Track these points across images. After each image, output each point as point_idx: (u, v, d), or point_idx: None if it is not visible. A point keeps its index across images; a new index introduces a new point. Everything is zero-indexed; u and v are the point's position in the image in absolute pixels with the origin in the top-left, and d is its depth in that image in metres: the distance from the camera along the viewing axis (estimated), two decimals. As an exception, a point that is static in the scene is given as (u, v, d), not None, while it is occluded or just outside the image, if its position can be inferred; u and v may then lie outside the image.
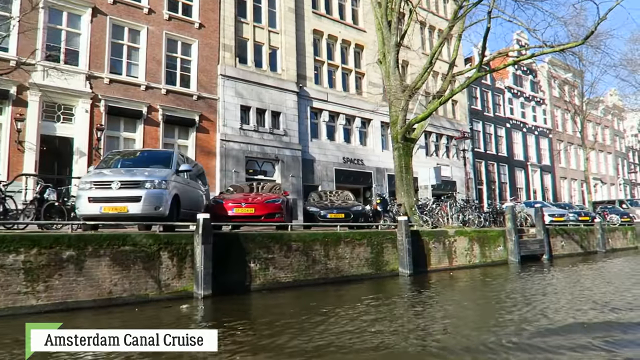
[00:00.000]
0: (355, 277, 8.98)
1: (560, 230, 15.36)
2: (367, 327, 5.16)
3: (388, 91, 12.80)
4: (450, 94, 12.70)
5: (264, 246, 7.79)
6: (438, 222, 12.33)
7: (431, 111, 12.91)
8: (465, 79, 26.95)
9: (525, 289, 8.39)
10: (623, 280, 9.59)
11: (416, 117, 12.82)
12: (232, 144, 17.08)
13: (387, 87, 12.92)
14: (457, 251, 11.22)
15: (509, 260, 12.48)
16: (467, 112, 27.83)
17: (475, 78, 12.91)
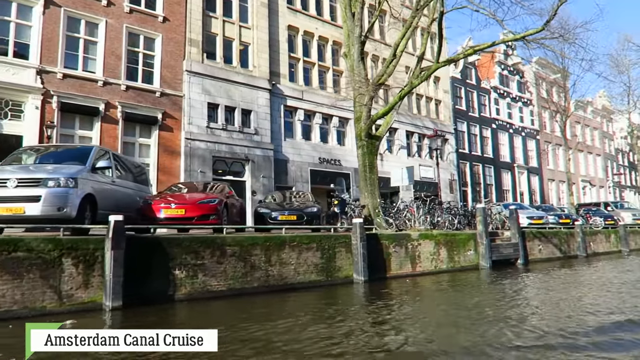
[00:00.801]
0: (302, 285, 8.24)
1: (537, 233, 14.68)
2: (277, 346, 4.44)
3: (352, 86, 12.10)
4: (409, 87, 12.03)
5: (192, 251, 7.04)
6: (405, 225, 11.62)
7: (392, 106, 12.19)
8: (449, 77, 26.25)
9: (488, 299, 7.69)
10: (596, 288, 8.91)
11: (377, 112, 12.10)
12: (198, 143, 16.33)
13: (352, 82, 12.22)
14: (422, 256, 10.50)
15: (480, 265, 11.78)
16: (451, 112, 27.22)
17: (434, 69, 12.16)
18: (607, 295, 7.85)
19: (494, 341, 4.66)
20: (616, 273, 11.73)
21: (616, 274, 11.38)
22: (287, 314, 6.41)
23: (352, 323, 5.69)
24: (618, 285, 9.03)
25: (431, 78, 26.47)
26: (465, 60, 29.01)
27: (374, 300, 7.51)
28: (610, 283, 9.57)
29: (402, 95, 11.74)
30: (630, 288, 8.59)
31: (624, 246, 19.19)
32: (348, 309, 6.74)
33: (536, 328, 5.24)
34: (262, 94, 18.39)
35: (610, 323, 5.47)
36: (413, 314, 6.45)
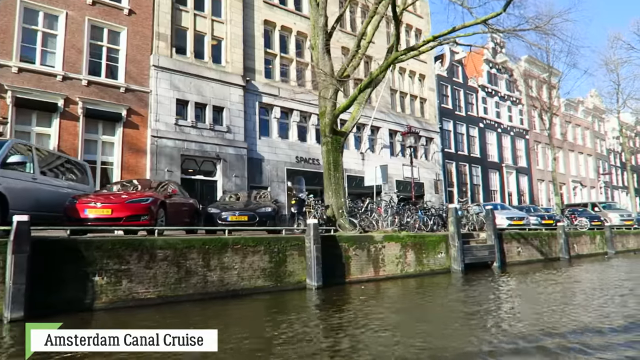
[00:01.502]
0: (247, 291, 7.60)
1: (516, 234, 14.08)
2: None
3: (317, 79, 11.47)
4: (369, 78, 11.41)
5: (116, 255, 6.39)
6: (372, 226, 10.99)
7: (352, 99, 11.52)
8: (435, 75, 25.54)
9: (446, 307, 7.07)
10: (572, 294, 8.30)
11: (338, 106, 11.46)
12: (166, 141, 15.67)
13: (317, 75, 11.59)
14: (386, 259, 9.87)
15: (452, 268, 11.17)
16: (437, 111, 26.65)
17: (393, 59, 11.46)
18: (575, 305, 7.23)
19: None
20: (592, 276, 11.14)
21: (591, 278, 10.79)
22: (221, 322, 5.77)
23: (279, 332, 5.05)
24: (588, 293, 8.43)
25: (415, 76, 25.97)
26: (452, 57, 28.51)
27: (320, 307, 6.89)
28: (581, 290, 8.97)
29: (361, 88, 11.10)
30: (600, 295, 7.99)
31: (610, 248, 18.64)
32: (287, 317, 6.10)
33: (490, 342, 4.62)
34: (236, 91, 17.75)
35: (571, 344, 4.85)
36: (349, 323, 5.81)
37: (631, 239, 20.83)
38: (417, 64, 25.92)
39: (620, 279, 10.45)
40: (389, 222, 11.09)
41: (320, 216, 10.36)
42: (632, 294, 7.86)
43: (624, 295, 7.84)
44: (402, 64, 25.09)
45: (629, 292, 8.12)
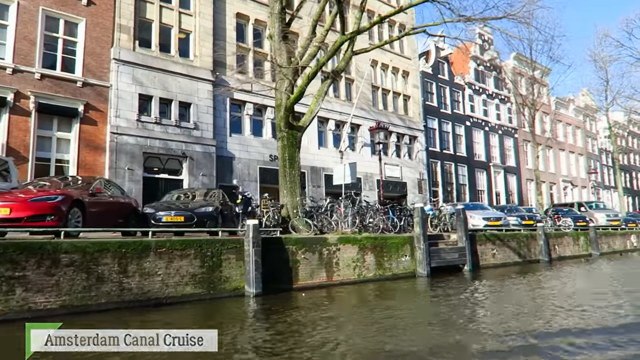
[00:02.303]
0: (173, 300, 6.87)
1: (491, 236, 13.36)
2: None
3: (275, 70, 10.76)
4: (316, 67, 10.67)
5: (8, 260, 5.65)
6: (330, 227, 10.27)
7: (301, 89, 10.74)
8: (419, 71, 24.59)
9: (398, 316, 6.33)
10: (540, 302, 7.59)
11: (289, 98, 10.71)
12: (126, 138, 14.92)
13: (273, 66, 10.88)
14: (341, 263, 9.15)
15: (417, 272, 10.44)
16: (421, 109, 25.95)
17: (340, 43, 10.66)
18: (542, 314, 6.52)
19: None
20: (566, 280, 10.44)
21: (564, 282, 10.09)
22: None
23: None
24: (562, 299, 7.72)
25: (399, 73, 25.28)
26: (437, 54, 27.84)
27: (248, 317, 6.16)
28: (552, 296, 8.26)
29: (310, 76, 10.36)
30: (567, 304, 7.28)
31: (594, 249, 17.97)
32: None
33: None
34: (204, 86, 17.02)
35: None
36: (272, 339, 5.07)
37: (617, 240, 20.16)
38: (401, 60, 25.27)
39: (594, 284, 9.75)
40: (349, 222, 10.37)
41: (272, 216, 9.64)
42: (599, 303, 7.15)
43: (596, 303, 7.12)
44: (385, 60, 24.48)
45: (598, 300, 7.41)
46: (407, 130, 24.87)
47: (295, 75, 11.13)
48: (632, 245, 21.27)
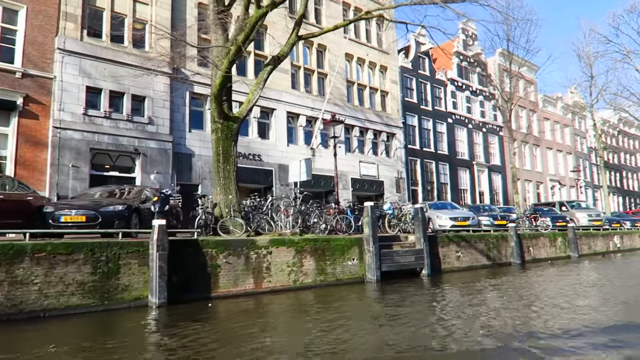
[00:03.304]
0: (54, 312, 5.96)
1: (456, 237, 12.48)
2: None
3: (211, 55, 9.83)
4: (235, 46, 9.66)
5: None
6: (269, 228, 9.37)
7: (223, 72, 9.70)
8: (398, 66, 23.27)
9: (322, 328, 5.42)
10: (494, 313, 6.70)
11: (215, 84, 9.72)
12: (71, 133, 13.98)
13: (209, 51, 9.95)
14: (273, 268, 8.25)
15: (366, 277, 9.54)
16: (400, 105, 25.07)
17: (256, 19, 9.64)
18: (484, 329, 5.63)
19: None
20: (532, 285, 9.56)
21: (530, 288, 9.22)
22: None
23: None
24: (509, 310, 6.84)
25: (376, 67, 24.41)
26: (418, 49, 26.98)
27: (131, 333, 5.23)
28: (504, 307, 7.37)
29: (230, 59, 9.38)
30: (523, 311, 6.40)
31: (573, 251, 17.13)
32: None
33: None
34: (160, 79, 16.08)
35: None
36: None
37: (599, 241, 19.34)
38: (378, 54, 24.40)
39: (561, 290, 8.88)
40: (290, 223, 9.48)
41: (201, 217, 8.74)
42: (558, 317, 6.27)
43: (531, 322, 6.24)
44: (361, 55, 23.61)
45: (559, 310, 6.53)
46: (384, 127, 24.00)
47: (232, 61, 10.19)
48: (615, 247, 20.46)
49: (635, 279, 10.71)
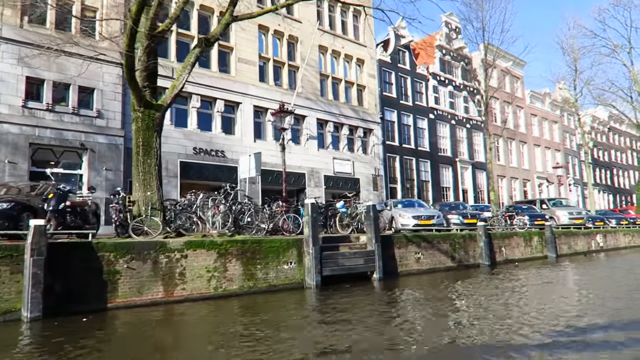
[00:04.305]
0: None
1: (415, 237, 11.56)
2: None
3: (137, 38, 8.88)
4: (147, 24, 8.66)
5: None
6: (199, 228, 8.46)
7: (124, 48, 8.69)
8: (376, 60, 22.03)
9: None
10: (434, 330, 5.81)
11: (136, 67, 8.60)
12: (8, 127, 13.04)
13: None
14: (189, 273, 7.34)
15: (306, 283, 8.63)
16: (378, 100, 24.16)
17: None
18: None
19: None
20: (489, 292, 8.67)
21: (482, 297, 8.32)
22: None
23: None
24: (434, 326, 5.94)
25: (352, 60, 23.50)
26: (397, 42, 26.06)
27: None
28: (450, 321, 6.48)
29: (128, 33, 8.37)
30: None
31: (551, 251, 16.27)
32: None
33: None
34: (111, 70, 15.15)
35: None
36: None
37: (580, 240, 18.50)
38: (355, 47, 23.48)
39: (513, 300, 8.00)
40: (218, 222, 8.57)
41: (122, 216, 7.83)
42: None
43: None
44: (336, 47, 22.66)
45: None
46: (361, 122, 23.09)
47: (153, 42, 9.27)
48: (597, 246, 19.62)
49: (596, 288, 9.83)
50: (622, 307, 6.74)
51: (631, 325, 5.48)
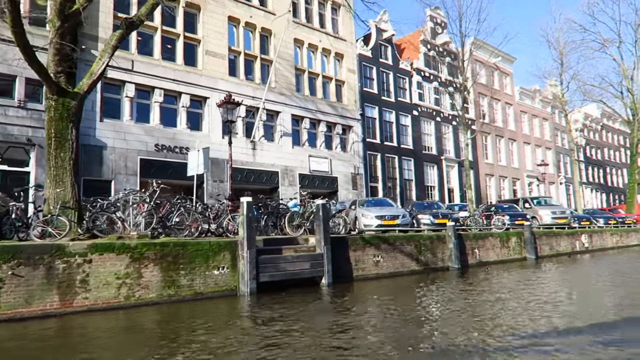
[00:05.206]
0: None
1: (374, 239, 10.73)
2: None
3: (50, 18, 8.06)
4: None
5: None
6: (117, 228, 7.63)
7: (10, 25, 7.87)
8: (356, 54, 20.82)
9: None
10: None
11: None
12: (-55, 121, 12.16)
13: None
14: (94, 280, 6.53)
15: (240, 290, 7.79)
16: (358, 96, 23.33)
17: None
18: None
19: None
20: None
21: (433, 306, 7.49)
22: None
23: None
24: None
25: (331, 55, 22.66)
26: (379, 36, 25.23)
27: None
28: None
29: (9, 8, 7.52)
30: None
31: (530, 252, 15.46)
32: None
33: None
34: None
35: None
36: None
37: (563, 241, 17.68)
38: (334, 41, 22.62)
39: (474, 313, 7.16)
40: (140, 223, 7.75)
41: (14, 214, 7.00)
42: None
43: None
44: (313, 41, 21.83)
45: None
46: (339, 119, 22.26)
47: (64, 24, 8.44)
48: (582, 247, 18.81)
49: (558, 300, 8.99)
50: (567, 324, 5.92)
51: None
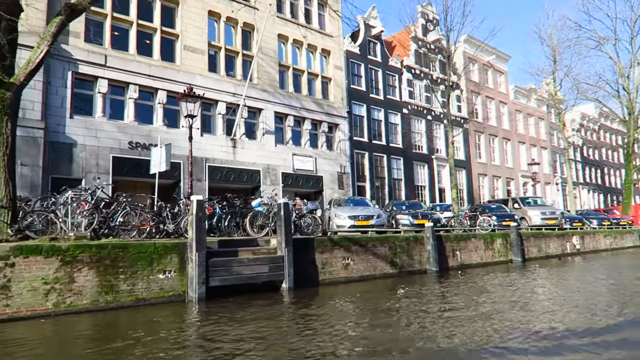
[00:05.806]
0: None
1: (344, 240, 10.20)
2: None
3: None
4: None
5: None
6: (54, 229, 7.12)
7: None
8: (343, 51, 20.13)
9: None
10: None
11: None
12: None
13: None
14: (16, 286, 5.98)
15: (188, 295, 7.27)
16: (345, 93, 22.79)
17: None
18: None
19: None
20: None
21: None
22: None
23: None
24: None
25: (317, 51, 22.14)
26: (368, 32, 24.70)
27: None
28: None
29: None
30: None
31: (516, 254, 14.91)
32: None
33: None
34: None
35: None
36: None
37: (552, 242, 17.12)
38: (320, 37, 22.11)
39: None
40: (82, 223, 7.24)
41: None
42: None
43: None
44: (298, 37, 21.27)
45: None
46: (325, 116, 21.73)
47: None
48: (573, 248, 18.24)
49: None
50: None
51: None
